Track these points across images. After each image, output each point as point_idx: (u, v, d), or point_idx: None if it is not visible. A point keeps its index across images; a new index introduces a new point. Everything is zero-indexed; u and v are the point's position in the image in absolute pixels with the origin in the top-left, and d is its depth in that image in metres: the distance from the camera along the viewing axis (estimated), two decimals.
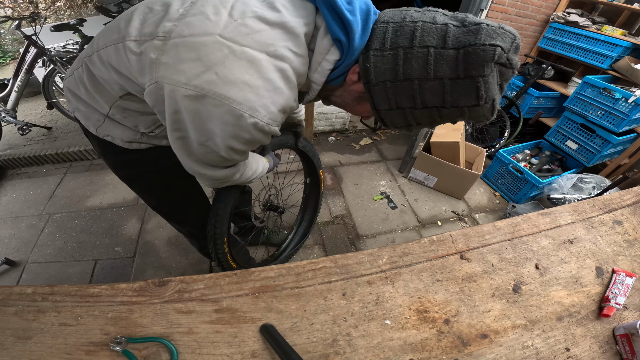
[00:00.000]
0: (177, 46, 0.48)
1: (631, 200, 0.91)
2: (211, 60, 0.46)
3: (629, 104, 1.83)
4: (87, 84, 0.65)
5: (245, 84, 0.47)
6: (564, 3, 2.46)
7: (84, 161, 2.37)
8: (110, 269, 1.64)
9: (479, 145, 2.31)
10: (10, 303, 0.56)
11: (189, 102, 0.48)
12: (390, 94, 0.51)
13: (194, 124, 0.52)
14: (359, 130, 2.86)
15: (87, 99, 0.68)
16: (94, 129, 0.72)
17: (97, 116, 0.69)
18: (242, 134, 0.52)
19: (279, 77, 0.50)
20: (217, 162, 0.62)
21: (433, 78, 0.47)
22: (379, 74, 0.50)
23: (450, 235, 0.74)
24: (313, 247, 1.78)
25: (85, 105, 0.69)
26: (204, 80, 0.46)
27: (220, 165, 0.64)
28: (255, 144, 0.58)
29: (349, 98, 0.61)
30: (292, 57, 0.51)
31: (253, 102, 0.48)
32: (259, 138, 0.55)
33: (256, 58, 0.48)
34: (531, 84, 2.44)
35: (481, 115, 0.50)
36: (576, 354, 0.58)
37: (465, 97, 0.47)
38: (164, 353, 0.51)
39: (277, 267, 0.64)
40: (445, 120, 0.54)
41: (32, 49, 2.15)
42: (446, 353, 0.56)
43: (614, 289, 0.67)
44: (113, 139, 0.72)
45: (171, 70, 0.48)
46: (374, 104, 0.54)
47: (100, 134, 0.72)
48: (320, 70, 0.55)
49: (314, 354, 0.53)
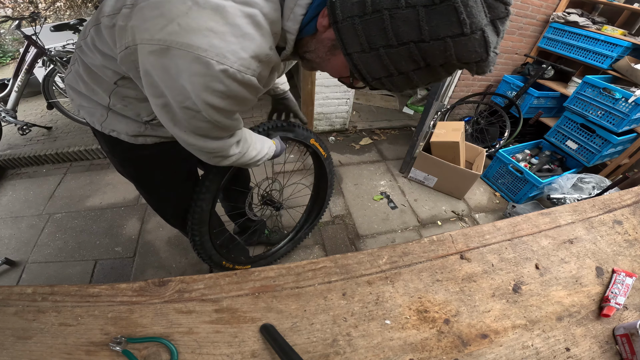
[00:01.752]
0: (142, 9, 0.48)
1: (631, 200, 0.91)
2: (174, 13, 0.45)
3: (629, 104, 1.83)
4: (84, 76, 0.66)
5: (210, 31, 0.45)
6: (564, 3, 2.46)
7: (84, 161, 2.37)
8: (110, 269, 1.64)
9: (479, 145, 2.31)
10: (10, 303, 0.56)
11: (155, 58, 0.47)
12: (359, 31, 0.46)
13: (166, 83, 0.49)
14: (359, 130, 2.86)
15: (87, 92, 0.69)
16: (99, 126, 0.72)
17: (100, 111, 0.70)
18: (215, 85, 0.48)
19: (247, 23, 0.47)
20: (206, 130, 0.58)
21: (404, 6, 0.42)
22: (346, 9, 0.46)
23: (450, 235, 0.74)
24: (313, 247, 1.78)
25: (88, 100, 0.70)
26: (166, 32, 0.45)
27: (211, 134, 0.61)
28: (238, 101, 0.54)
29: (322, 51, 0.55)
30: (262, 3, 0.49)
31: (220, 48, 0.45)
32: (236, 90, 0.50)
33: (220, 5, 0.45)
34: (531, 83, 2.44)
35: (472, 50, 0.42)
36: (576, 354, 0.58)
37: (445, 24, 0.41)
38: (164, 353, 0.51)
39: (277, 267, 0.64)
40: (431, 61, 0.45)
41: (32, 49, 2.15)
42: (446, 353, 0.56)
43: (614, 289, 0.67)
44: (119, 134, 0.73)
45: (136, 31, 0.48)
46: (344, 48, 0.48)
47: (106, 130, 0.73)
48: (293, 17, 0.52)
49: (314, 354, 0.53)
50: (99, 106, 0.70)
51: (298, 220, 1.68)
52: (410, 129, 2.99)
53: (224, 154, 0.69)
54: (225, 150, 0.68)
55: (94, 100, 0.70)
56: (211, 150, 0.65)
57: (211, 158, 0.69)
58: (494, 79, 2.90)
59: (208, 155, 0.67)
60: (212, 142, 0.63)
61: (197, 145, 0.62)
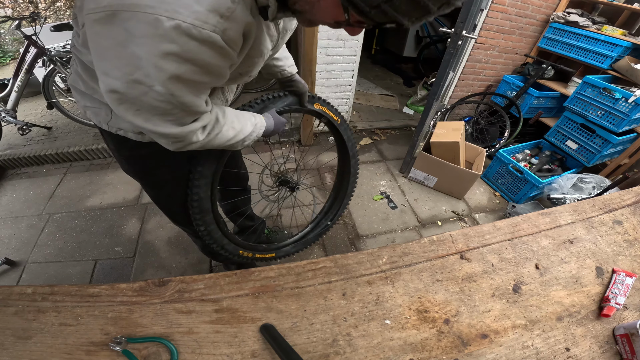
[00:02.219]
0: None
1: (631, 200, 0.91)
2: None
3: (629, 104, 1.83)
4: (83, 75, 0.65)
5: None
6: (564, 3, 2.46)
7: (84, 161, 2.37)
8: (110, 269, 1.64)
9: (479, 145, 2.31)
10: (10, 303, 0.56)
11: (101, 27, 0.42)
12: None
13: (114, 52, 0.43)
14: (359, 130, 2.86)
15: (89, 91, 0.68)
16: (106, 125, 0.72)
17: (105, 110, 0.70)
18: (167, 46, 0.42)
19: None
20: (162, 111, 0.50)
21: None
22: None
23: (450, 235, 0.74)
24: (313, 247, 1.78)
25: (91, 100, 0.70)
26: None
27: (168, 116, 0.52)
28: (200, 67, 0.46)
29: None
30: None
31: (170, 2, 0.40)
32: (194, 51, 0.44)
33: None
34: (531, 84, 2.44)
35: None
36: (576, 354, 0.58)
37: None
38: (164, 353, 0.51)
39: (277, 267, 0.64)
40: None
41: (32, 49, 2.15)
42: (446, 353, 0.56)
43: (614, 289, 0.67)
44: (125, 132, 0.72)
45: (84, 4, 0.44)
46: None
47: (113, 129, 0.72)
48: None
49: (314, 354, 0.53)
50: (103, 105, 0.70)
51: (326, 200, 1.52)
52: (410, 129, 2.99)
53: (184, 141, 0.60)
54: (186, 137, 0.59)
55: (97, 100, 0.69)
56: (167, 135, 0.56)
57: (169, 144, 0.60)
58: (494, 79, 2.90)
59: (166, 141, 0.59)
60: (168, 127, 0.54)
61: (147, 129, 0.53)
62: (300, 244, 1.45)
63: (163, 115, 0.51)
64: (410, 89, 3.71)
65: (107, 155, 2.39)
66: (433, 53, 3.84)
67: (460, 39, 1.61)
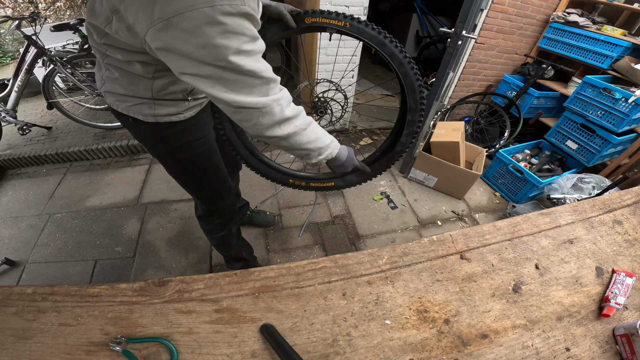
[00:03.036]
0: (126, 8, 0.53)
1: (631, 200, 0.91)
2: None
3: (629, 104, 1.83)
4: (122, 80, 0.72)
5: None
6: (564, 3, 2.46)
7: (84, 161, 2.37)
8: (110, 269, 1.64)
9: (479, 145, 2.31)
10: (10, 303, 0.56)
11: (165, 34, 0.51)
12: None
13: (185, 49, 0.52)
14: (359, 130, 2.86)
15: (130, 92, 0.74)
16: (152, 118, 0.79)
17: (148, 104, 0.76)
18: (219, 27, 0.51)
19: None
20: (244, 81, 0.58)
21: None
22: None
23: (450, 235, 0.74)
24: (313, 247, 1.78)
25: (133, 99, 0.76)
26: (158, 9, 0.49)
27: (250, 85, 0.59)
28: (246, 34, 0.55)
29: None
30: None
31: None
32: (237, 23, 0.52)
33: None
34: (531, 84, 2.44)
35: None
36: (576, 354, 0.58)
37: None
38: (164, 353, 0.51)
39: (277, 267, 0.64)
40: None
41: (32, 49, 2.15)
42: (446, 353, 0.56)
43: (614, 289, 0.67)
44: (170, 116, 0.80)
45: (141, 22, 0.52)
46: None
47: (160, 118, 0.79)
48: None
49: (314, 354, 0.53)
50: (145, 100, 0.76)
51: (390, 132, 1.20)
52: None
53: (273, 111, 0.64)
54: (273, 107, 0.63)
55: (139, 97, 0.75)
56: (256, 104, 0.61)
57: (263, 116, 0.63)
58: (494, 79, 2.90)
59: (259, 113, 0.63)
60: (255, 97, 0.61)
61: (241, 102, 0.60)
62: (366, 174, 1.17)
63: (245, 87, 0.59)
64: None
65: (107, 155, 2.39)
66: (433, 53, 3.84)
67: (460, 39, 1.61)
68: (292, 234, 1.84)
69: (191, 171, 1.01)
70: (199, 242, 1.75)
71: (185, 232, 1.80)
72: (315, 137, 0.74)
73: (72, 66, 2.30)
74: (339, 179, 1.19)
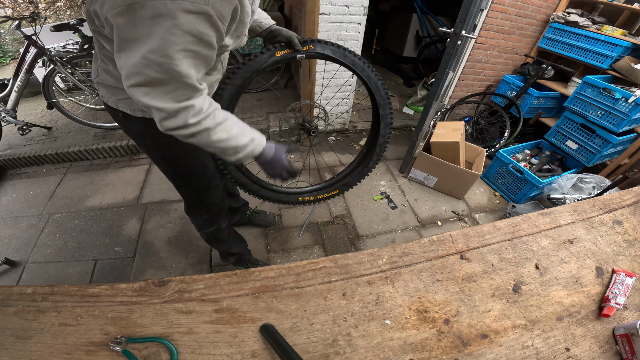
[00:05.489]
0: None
1: (631, 200, 0.91)
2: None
3: (629, 104, 1.83)
4: (114, 72, 0.72)
5: None
6: (564, 3, 2.45)
7: (84, 161, 2.37)
8: (110, 269, 1.64)
9: (479, 145, 2.31)
10: (10, 303, 0.56)
11: (121, 18, 0.52)
12: None
13: (132, 36, 0.53)
14: (359, 130, 2.86)
15: (120, 85, 0.73)
16: (140, 112, 0.80)
17: None
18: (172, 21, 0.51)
19: None
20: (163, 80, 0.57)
21: None
22: None
23: (450, 235, 0.74)
24: (313, 247, 1.78)
25: (123, 92, 0.75)
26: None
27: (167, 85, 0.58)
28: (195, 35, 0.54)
29: None
30: None
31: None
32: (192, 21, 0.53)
33: None
34: (531, 84, 2.44)
35: None
36: (576, 354, 0.58)
37: None
38: (164, 353, 0.51)
39: (277, 267, 0.64)
40: None
41: (32, 49, 2.15)
42: (446, 353, 0.56)
43: (614, 289, 0.67)
44: None
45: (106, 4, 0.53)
46: None
47: (147, 114, 0.80)
48: None
49: (314, 354, 0.53)
50: None
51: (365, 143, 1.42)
52: (410, 129, 2.99)
53: (176, 118, 0.64)
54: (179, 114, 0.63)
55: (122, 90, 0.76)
56: (161, 109, 0.61)
57: (162, 120, 0.64)
58: (494, 79, 2.90)
59: (159, 115, 0.64)
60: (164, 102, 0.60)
61: (146, 103, 0.60)
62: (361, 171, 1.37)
63: (161, 86, 0.58)
64: (410, 89, 3.71)
65: (107, 155, 2.39)
66: (433, 53, 3.84)
67: (460, 39, 1.61)
68: (292, 234, 1.84)
69: (178, 168, 1.01)
70: (199, 242, 1.75)
71: (185, 232, 1.80)
72: (227, 136, 0.72)
73: (72, 66, 2.30)
74: (340, 185, 1.34)
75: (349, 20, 2.08)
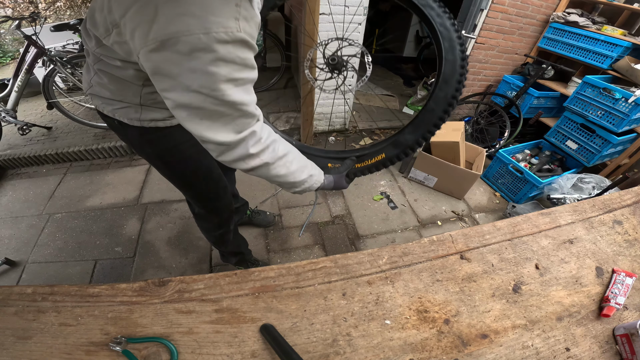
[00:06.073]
0: (125, 24, 0.53)
1: (631, 200, 0.90)
2: (151, 13, 0.49)
3: (629, 104, 1.83)
4: (111, 86, 0.72)
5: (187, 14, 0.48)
6: (564, 3, 2.45)
7: (84, 161, 2.37)
8: (110, 269, 1.64)
9: (479, 145, 2.31)
10: (10, 303, 0.56)
11: (157, 55, 0.51)
12: None
13: (173, 72, 0.52)
14: (359, 130, 2.86)
15: (117, 97, 0.74)
16: (138, 122, 0.79)
17: (134, 108, 0.76)
18: (212, 55, 0.50)
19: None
20: (221, 112, 0.57)
21: None
22: None
23: (450, 235, 0.74)
24: (313, 247, 1.78)
25: (119, 103, 0.76)
26: (154, 30, 0.49)
27: (226, 117, 0.58)
28: (238, 63, 0.54)
29: None
30: None
31: (201, 21, 0.48)
32: (231, 51, 0.52)
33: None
34: (531, 84, 2.44)
35: None
36: (576, 354, 0.58)
37: None
38: (164, 353, 0.51)
39: (277, 267, 0.64)
40: None
41: (32, 49, 2.15)
42: (446, 353, 0.56)
43: (614, 289, 0.67)
44: (156, 122, 0.81)
45: (136, 40, 0.52)
46: None
47: (145, 123, 0.79)
48: None
49: (314, 354, 0.53)
50: (132, 105, 0.76)
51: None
52: None
53: (237, 149, 0.63)
54: (239, 145, 0.63)
55: (126, 102, 0.75)
56: (223, 143, 0.60)
57: (223, 152, 0.63)
58: (494, 79, 2.90)
59: (220, 149, 0.63)
60: (226, 134, 0.60)
61: (208, 138, 0.59)
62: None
63: (221, 118, 0.58)
64: (410, 89, 3.71)
65: (107, 155, 2.39)
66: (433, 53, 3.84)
67: None
68: (292, 234, 1.84)
69: (182, 174, 1.00)
70: (199, 242, 1.75)
71: (185, 232, 1.80)
72: (286, 172, 0.72)
73: (72, 66, 2.30)
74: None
75: (348, 20, 2.08)
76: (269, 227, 1.86)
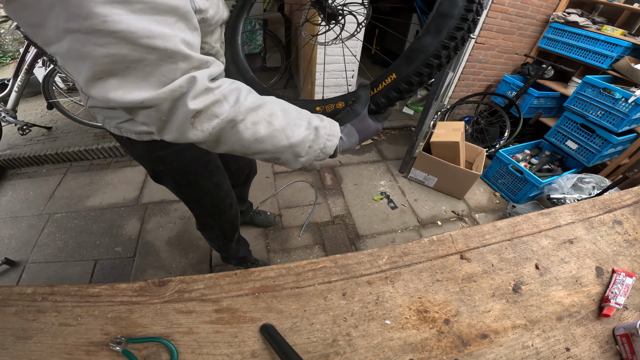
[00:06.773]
0: None
1: (631, 200, 0.90)
2: None
3: (629, 104, 1.83)
4: None
5: None
6: (564, 3, 2.46)
7: (84, 161, 2.37)
8: (110, 269, 1.64)
9: (479, 145, 2.31)
10: (10, 303, 0.56)
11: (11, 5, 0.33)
12: None
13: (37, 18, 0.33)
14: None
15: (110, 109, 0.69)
16: (148, 136, 0.74)
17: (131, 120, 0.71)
18: None
19: None
20: (125, 56, 0.35)
21: None
22: None
23: (450, 235, 0.74)
24: (313, 247, 1.78)
25: (125, 116, 0.70)
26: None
27: (139, 64, 0.36)
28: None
29: None
30: None
31: None
32: None
33: None
34: (531, 84, 2.44)
35: None
36: (576, 354, 0.58)
37: None
38: (164, 353, 0.51)
39: (277, 267, 0.64)
40: None
41: (32, 49, 2.15)
42: (446, 353, 0.56)
43: (614, 289, 0.67)
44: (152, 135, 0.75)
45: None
46: None
47: (154, 136, 0.74)
48: None
49: (314, 354, 0.53)
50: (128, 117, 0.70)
51: None
52: (410, 129, 2.99)
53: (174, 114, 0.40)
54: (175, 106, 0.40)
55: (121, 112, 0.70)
56: (143, 102, 0.38)
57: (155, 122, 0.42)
58: (494, 79, 2.90)
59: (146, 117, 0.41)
60: (145, 89, 0.37)
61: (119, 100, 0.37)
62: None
63: (129, 68, 0.36)
64: None
65: (107, 155, 2.39)
66: None
67: None
68: (292, 234, 1.84)
69: (190, 190, 0.96)
70: (199, 242, 1.75)
71: (185, 232, 1.80)
72: (271, 130, 0.46)
73: None
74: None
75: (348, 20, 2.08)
76: (270, 227, 1.86)
